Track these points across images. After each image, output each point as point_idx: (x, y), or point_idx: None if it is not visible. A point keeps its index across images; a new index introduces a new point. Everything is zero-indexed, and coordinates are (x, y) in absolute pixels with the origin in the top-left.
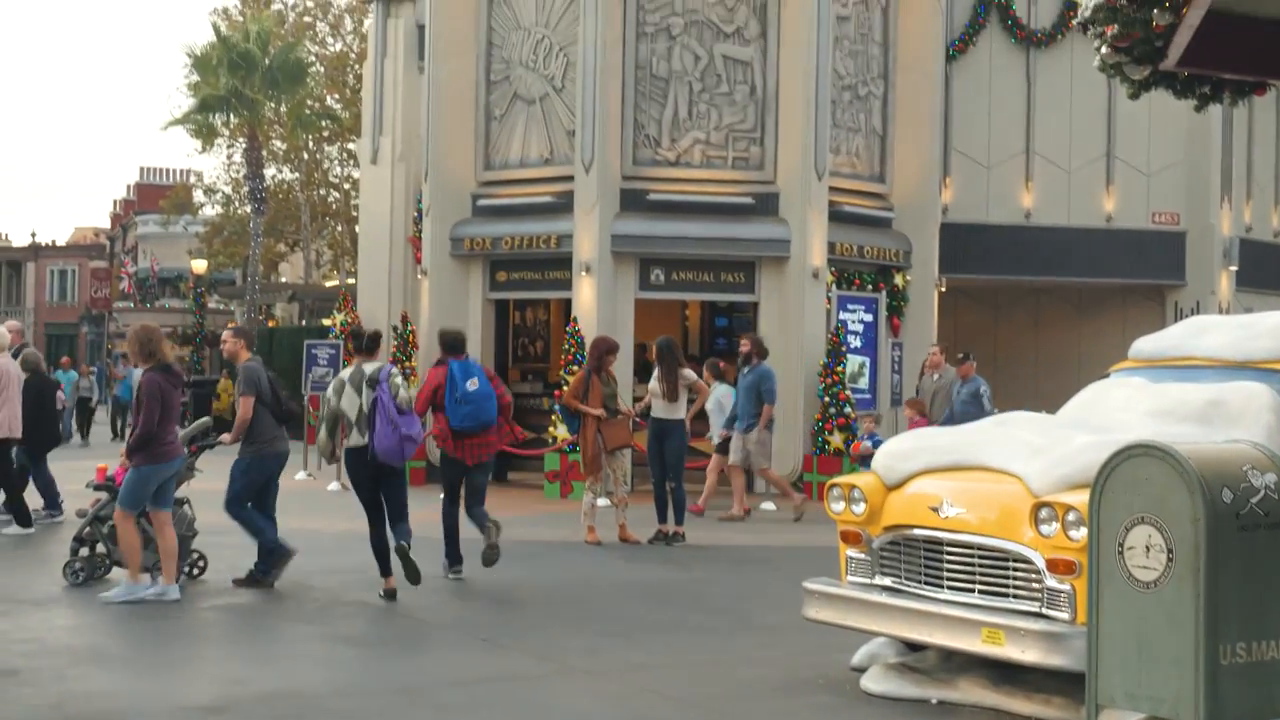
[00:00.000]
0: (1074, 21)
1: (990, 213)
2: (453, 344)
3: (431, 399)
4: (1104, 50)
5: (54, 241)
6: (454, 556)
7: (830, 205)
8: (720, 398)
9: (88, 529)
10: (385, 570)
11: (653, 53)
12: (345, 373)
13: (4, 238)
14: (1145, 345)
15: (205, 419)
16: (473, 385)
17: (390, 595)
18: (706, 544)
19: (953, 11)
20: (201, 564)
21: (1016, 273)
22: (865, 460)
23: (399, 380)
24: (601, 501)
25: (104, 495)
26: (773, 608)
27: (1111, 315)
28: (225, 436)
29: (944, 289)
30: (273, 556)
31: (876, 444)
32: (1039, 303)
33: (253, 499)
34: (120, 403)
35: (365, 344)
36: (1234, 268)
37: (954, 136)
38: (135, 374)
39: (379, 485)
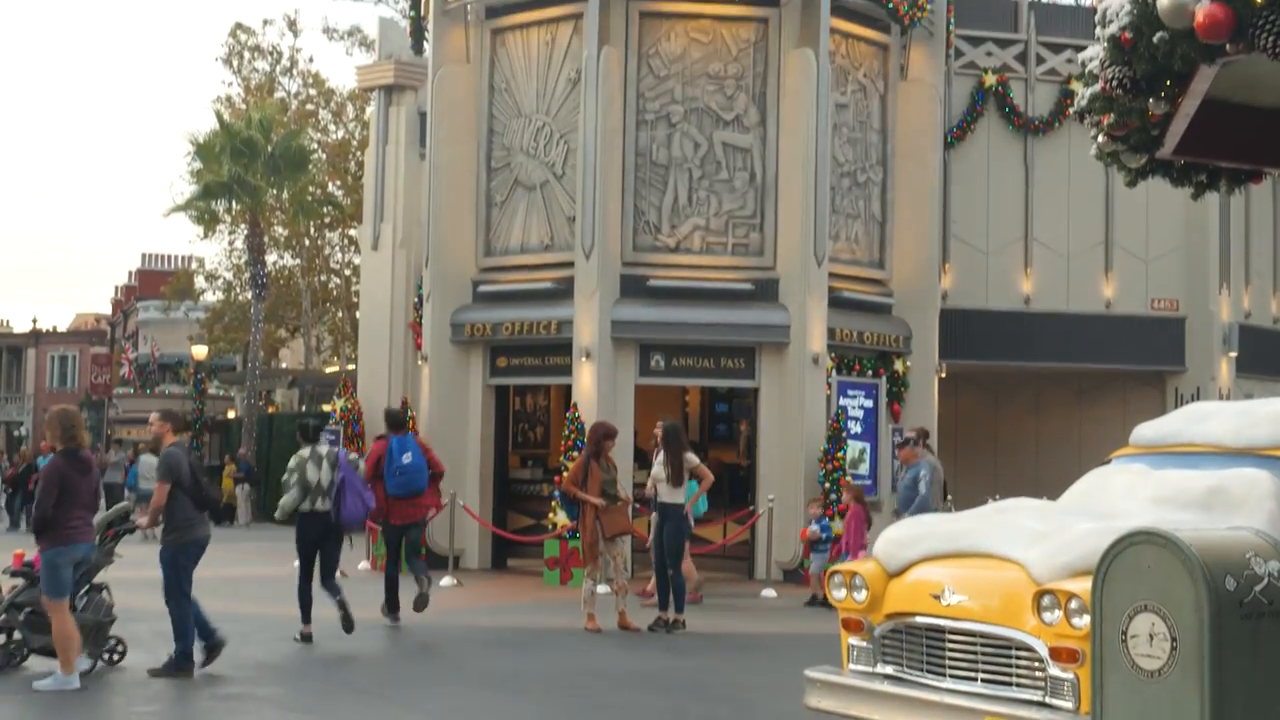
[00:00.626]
0: (1071, 110)
1: (990, 298)
2: (395, 421)
3: (375, 468)
4: (1101, 139)
5: (55, 327)
6: (393, 604)
7: (830, 291)
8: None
9: (3, 615)
10: (306, 618)
11: (653, 140)
12: (304, 451)
13: (5, 324)
14: (1146, 431)
15: (123, 504)
16: (408, 458)
17: (306, 639)
18: (708, 631)
19: (951, 99)
20: (121, 649)
21: (1016, 358)
22: (814, 545)
23: (355, 459)
24: (601, 588)
25: (20, 581)
26: (775, 696)
27: (1112, 401)
28: (141, 521)
29: (944, 374)
30: (208, 647)
31: (824, 528)
32: (1039, 388)
33: (192, 583)
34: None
35: (310, 434)
36: (1234, 354)
37: (953, 223)
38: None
39: (322, 544)
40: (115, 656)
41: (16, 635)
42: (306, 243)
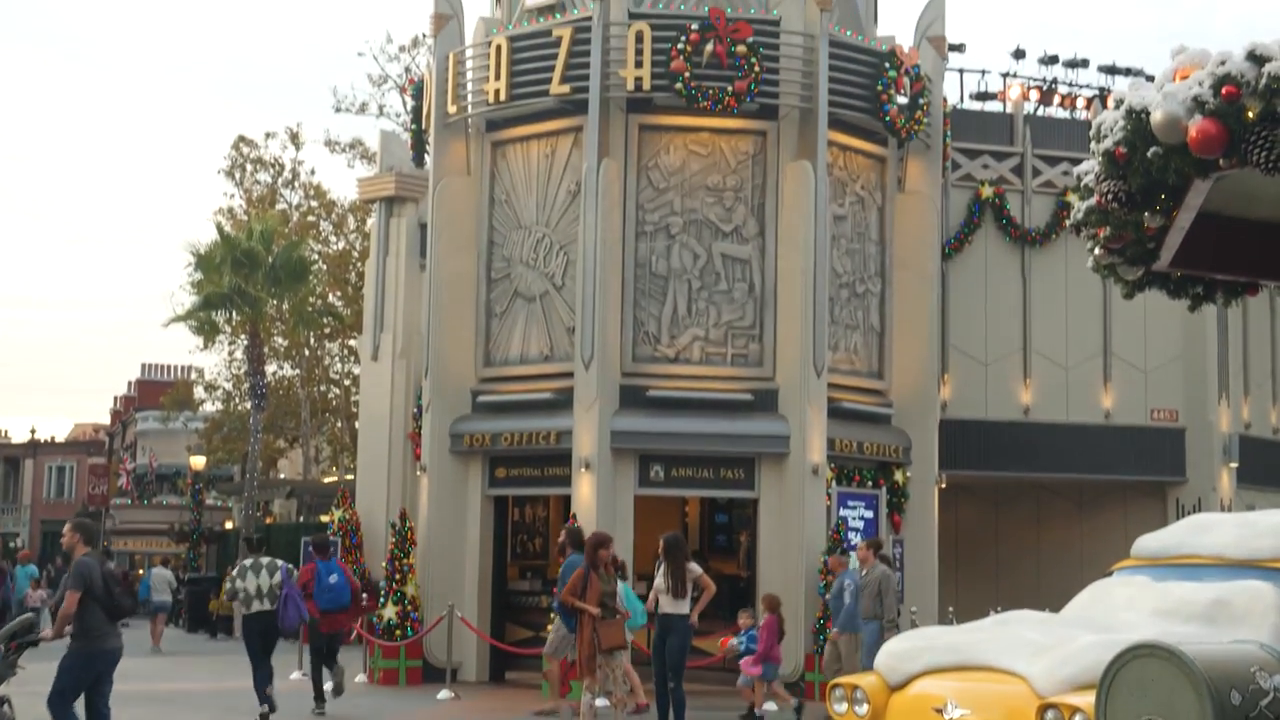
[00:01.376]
0: (1067, 222)
1: (989, 409)
2: (320, 547)
3: (305, 587)
4: (1097, 251)
5: (53, 438)
6: (319, 697)
7: (829, 402)
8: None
9: None
10: (262, 699)
11: (652, 251)
12: (246, 561)
13: (3, 434)
14: (1148, 543)
15: (28, 614)
16: (333, 579)
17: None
18: None
19: (948, 211)
20: None
21: (1016, 469)
22: (738, 658)
23: (292, 569)
24: (600, 701)
25: None
26: None
27: (1113, 512)
28: (46, 633)
29: (944, 485)
30: None
31: (751, 638)
32: (1040, 499)
33: (79, 696)
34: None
35: (254, 545)
36: (1234, 464)
37: (952, 333)
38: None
39: (265, 641)
40: None
41: None
42: (306, 353)
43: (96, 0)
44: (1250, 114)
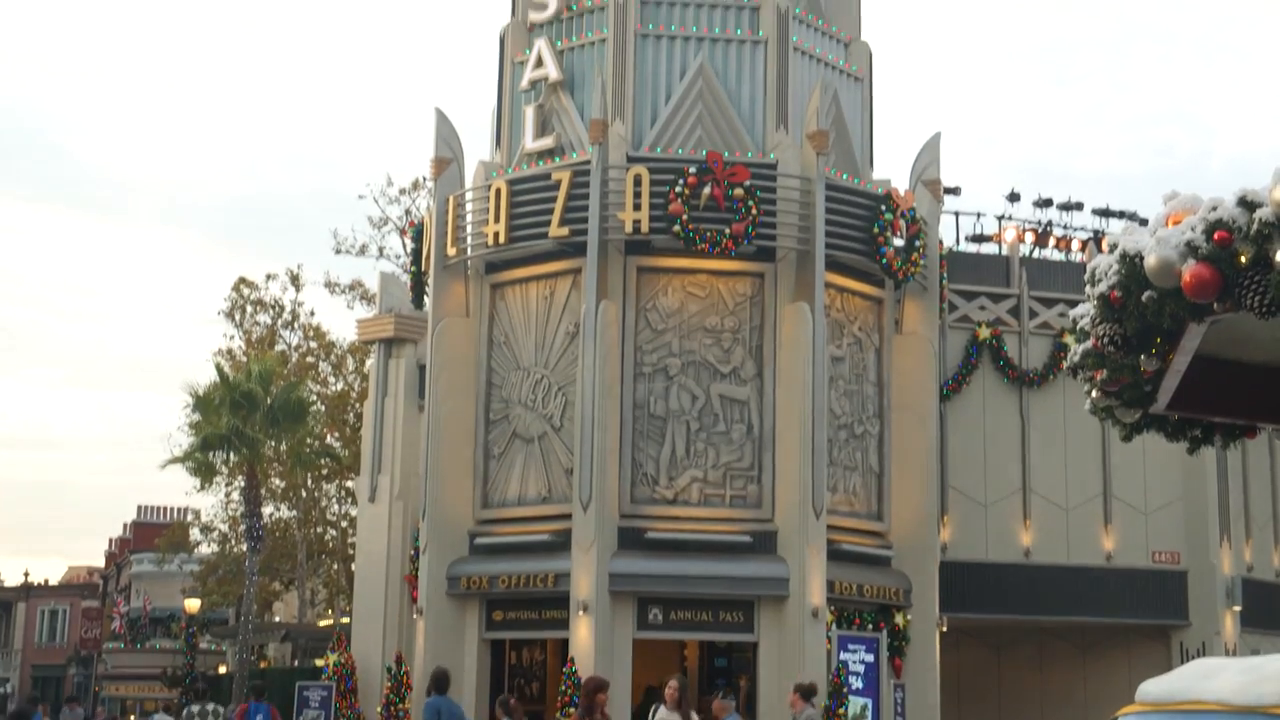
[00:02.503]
0: (1064, 365)
1: (989, 551)
2: (254, 690)
3: None
4: (1095, 394)
5: (46, 581)
6: None
7: (829, 544)
8: None
9: None
10: None
11: (650, 392)
12: (194, 707)
13: None
14: (1152, 688)
15: None
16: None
17: None
18: None
19: (945, 352)
20: None
21: (1018, 612)
22: None
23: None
24: None
25: None
26: None
27: (1116, 655)
28: None
29: (945, 628)
30: None
31: None
32: (1042, 642)
33: None
34: None
35: (199, 693)
36: (1237, 608)
37: (951, 474)
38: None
39: None
40: None
41: None
42: (303, 494)
43: (100, 144)
44: (1243, 259)
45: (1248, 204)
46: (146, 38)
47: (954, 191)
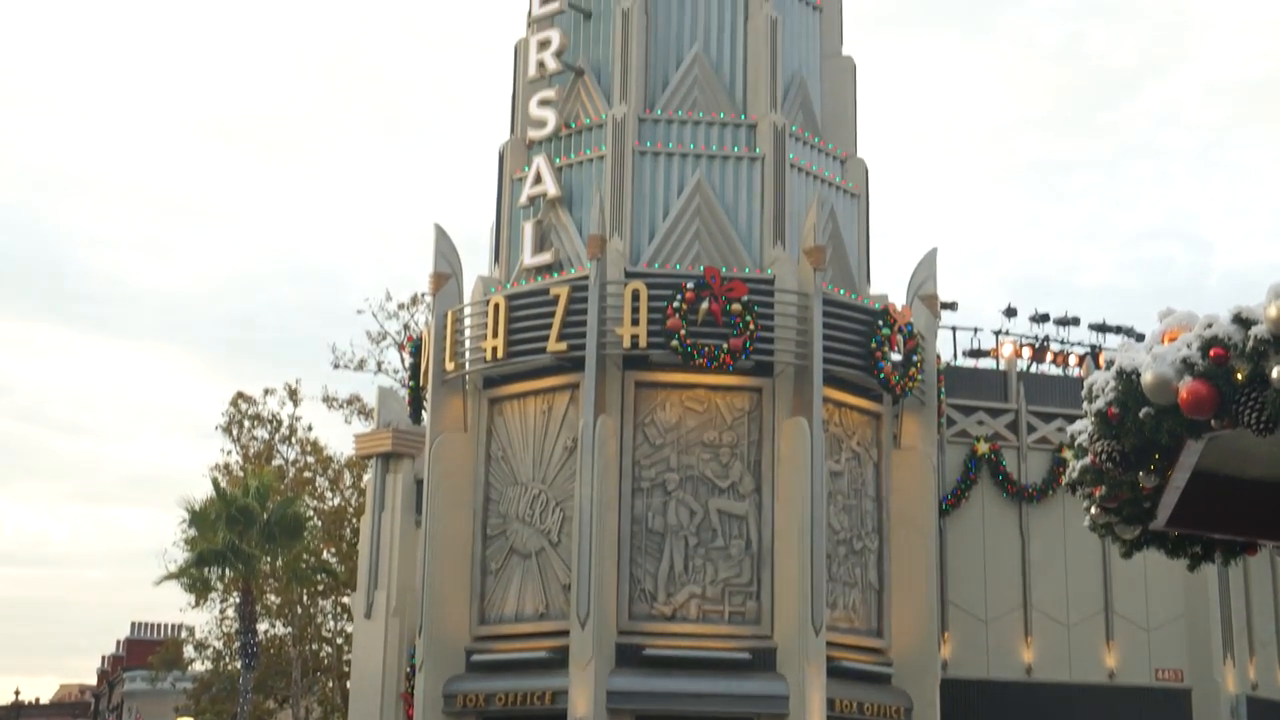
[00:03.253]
0: (1063, 480)
1: (991, 668)
2: None
3: None
4: (1094, 510)
5: (38, 699)
6: None
7: (828, 660)
8: None
9: None
10: None
11: (648, 508)
12: None
13: None
14: None
15: None
16: None
17: None
18: None
19: (944, 467)
20: None
21: None
22: None
23: None
24: None
25: None
26: None
27: None
28: None
29: None
30: None
31: None
32: None
33: None
34: None
35: None
36: None
37: (951, 590)
38: None
39: None
40: None
41: None
42: (299, 610)
43: (102, 259)
44: (1239, 376)
45: (1243, 321)
46: (149, 155)
47: (951, 306)
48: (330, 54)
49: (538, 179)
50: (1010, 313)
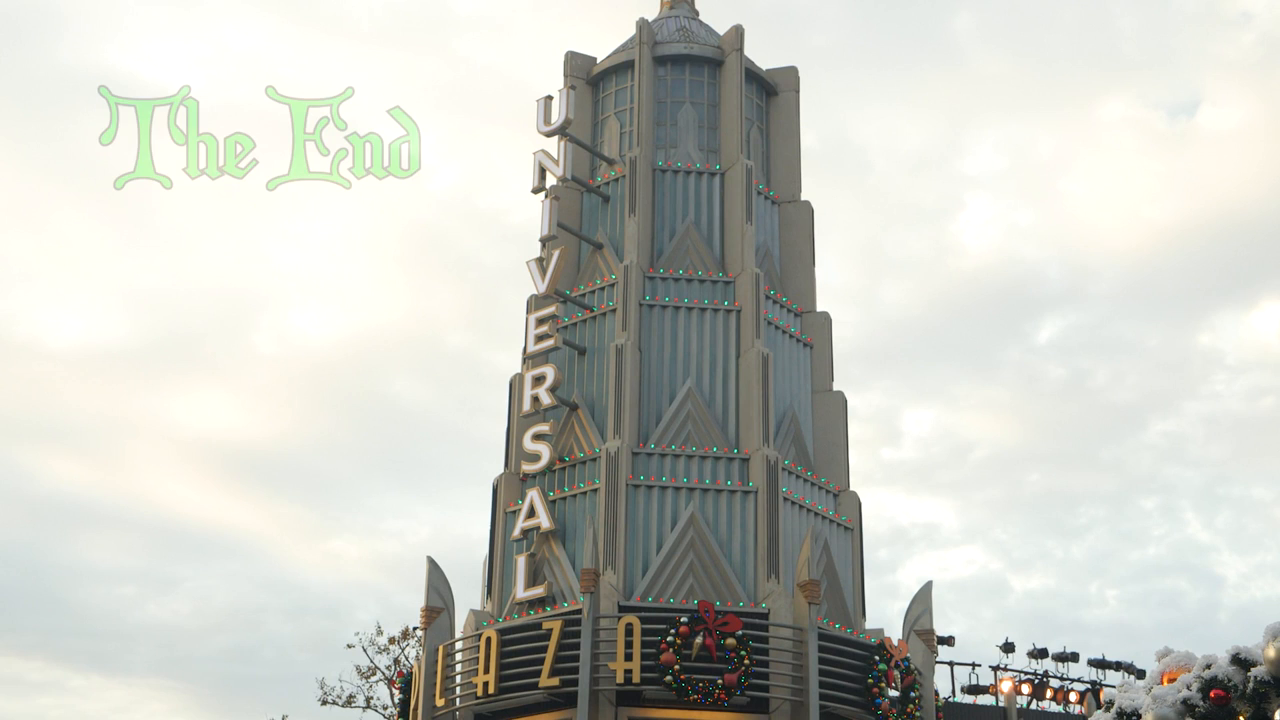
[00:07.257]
0: None
1: None
2: None
3: None
4: None
5: None
6: None
7: None
8: None
9: None
10: None
11: None
12: None
13: None
14: None
15: None
16: None
17: None
18: None
19: None
20: None
21: None
22: None
23: None
24: None
25: None
26: None
27: None
28: None
29: None
30: None
31: None
32: None
33: None
34: None
35: None
36: None
37: None
38: None
39: None
40: None
41: None
42: None
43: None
44: (1242, 718)
45: (1242, 662)
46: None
47: (948, 641)
48: (337, 391)
49: (531, 512)
50: (1008, 648)
